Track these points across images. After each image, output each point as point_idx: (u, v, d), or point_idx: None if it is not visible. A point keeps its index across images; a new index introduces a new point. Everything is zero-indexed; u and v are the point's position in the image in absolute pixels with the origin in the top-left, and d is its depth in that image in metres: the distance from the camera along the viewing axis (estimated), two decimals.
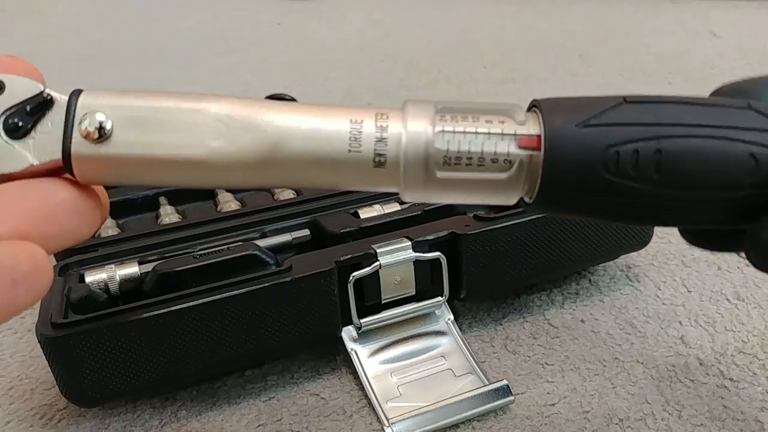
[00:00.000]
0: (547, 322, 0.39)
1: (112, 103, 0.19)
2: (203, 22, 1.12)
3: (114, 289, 0.35)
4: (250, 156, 0.19)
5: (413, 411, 0.32)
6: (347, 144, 0.19)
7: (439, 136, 0.19)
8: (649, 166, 0.19)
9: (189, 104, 0.20)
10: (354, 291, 0.34)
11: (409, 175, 0.20)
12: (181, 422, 0.33)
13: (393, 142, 0.19)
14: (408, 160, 0.19)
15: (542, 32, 0.98)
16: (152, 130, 0.19)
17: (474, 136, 0.19)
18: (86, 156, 0.19)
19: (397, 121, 0.20)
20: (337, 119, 0.20)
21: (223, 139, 0.19)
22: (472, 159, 0.19)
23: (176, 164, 0.19)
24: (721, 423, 0.32)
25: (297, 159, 0.20)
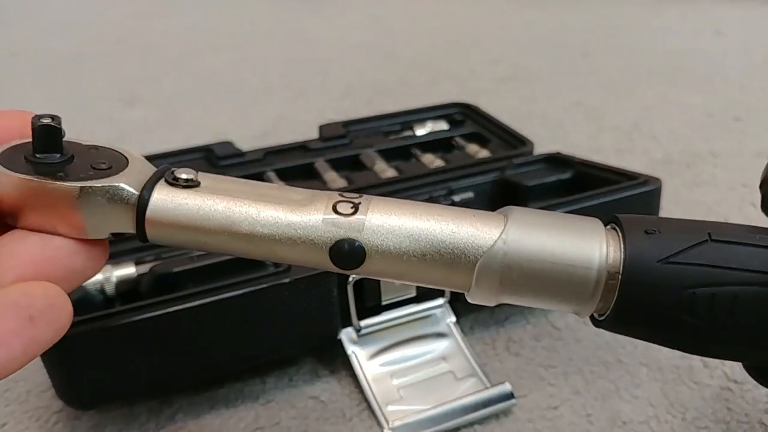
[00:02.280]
0: (550, 324, 0.38)
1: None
2: (199, 19, 1.12)
3: (110, 290, 0.34)
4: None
5: (414, 414, 0.31)
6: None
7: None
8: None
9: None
10: (354, 292, 0.33)
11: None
12: (178, 425, 0.33)
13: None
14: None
15: (545, 30, 0.97)
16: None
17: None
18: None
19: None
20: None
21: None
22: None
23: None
24: (725, 425, 0.31)
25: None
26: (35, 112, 0.20)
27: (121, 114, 0.73)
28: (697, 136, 0.61)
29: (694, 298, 0.19)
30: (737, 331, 0.19)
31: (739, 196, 0.51)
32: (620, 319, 0.20)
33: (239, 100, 0.75)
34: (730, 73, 0.75)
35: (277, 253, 0.20)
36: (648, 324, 0.20)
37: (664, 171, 0.55)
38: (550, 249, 0.19)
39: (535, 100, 0.71)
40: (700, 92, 0.70)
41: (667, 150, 0.59)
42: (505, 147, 0.47)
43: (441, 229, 0.20)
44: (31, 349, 0.18)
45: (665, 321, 0.19)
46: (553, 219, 0.20)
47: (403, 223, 0.20)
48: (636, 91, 0.72)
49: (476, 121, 0.51)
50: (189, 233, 0.20)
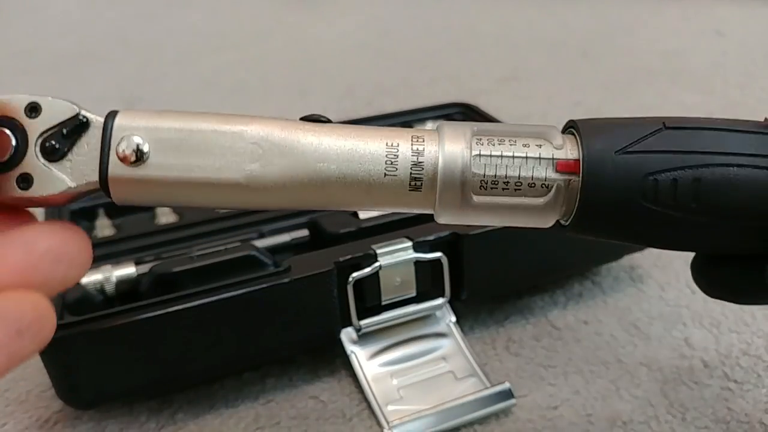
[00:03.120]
0: (549, 324, 0.38)
1: (149, 125, 0.19)
2: (200, 18, 1.12)
3: (110, 290, 0.34)
4: (286, 179, 0.19)
5: (414, 414, 0.31)
6: (383, 167, 0.20)
7: (475, 160, 0.19)
8: (687, 195, 0.19)
9: (225, 127, 0.20)
10: (353, 292, 0.33)
11: (445, 199, 0.20)
12: (178, 425, 0.33)
13: (429, 165, 0.19)
14: (444, 183, 0.19)
15: (545, 30, 0.97)
16: (189, 154, 0.19)
17: (511, 160, 0.19)
18: (123, 178, 0.19)
19: (433, 144, 0.20)
20: (373, 142, 0.20)
21: (259, 163, 0.19)
22: (509, 183, 0.19)
23: (212, 187, 0.19)
24: (725, 425, 0.31)
25: (333, 182, 0.20)
26: None
27: None
28: None
29: (657, 185, 0.19)
30: (701, 216, 0.19)
31: None
32: (585, 219, 0.20)
33: (239, 100, 0.75)
34: (730, 73, 0.75)
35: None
36: (613, 218, 0.19)
37: None
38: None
39: (535, 100, 0.71)
40: (700, 92, 0.70)
41: None
42: None
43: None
44: (14, 362, 0.17)
45: (629, 213, 0.19)
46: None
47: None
48: (636, 91, 0.72)
49: (476, 121, 0.51)
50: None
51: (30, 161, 0.19)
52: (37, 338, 0.18)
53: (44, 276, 0.19)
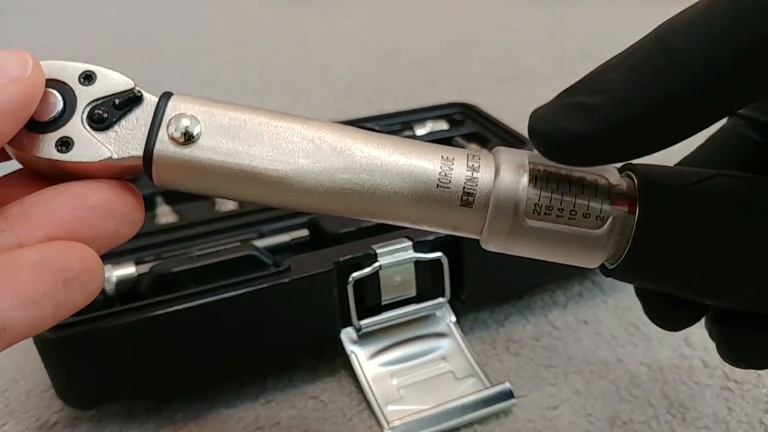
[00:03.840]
0: (549, 324, 0.38)
1: (203, 109, 0.19)
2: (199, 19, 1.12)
3: (110, 290, 0.34)
4: (335, 180, 0.19)
5: (414, 414, 0.31)
6: (437, 179, 0.19)
7: (532, 184, 0.19)
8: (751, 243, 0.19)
9: (281, 121, 0.19)
10: (353, 292, 0.33)
11: (496, 220, 0.19)
12: (178, 425, 0.33)
13: (484, 182, 0.19)
14: (498, 201, 0.19)
15: (545, 29, 0.97)
16: (240, 141, 0.19)
17: (567, 187, 0.19)
18: (168, 157, 0.19)
19: (489, 163, 0.19)
20: (428, 154, 0.19)
21: (312, 159, 0.19)
22: (563, 211, 0.19)
23: (258, 178, 0.19)
24: (725, 425, 0.31)
25: (382, 190, 0.19)
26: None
27: None
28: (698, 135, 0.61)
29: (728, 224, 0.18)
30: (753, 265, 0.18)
31: None
32: (637, 258, 0.19)
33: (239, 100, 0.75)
34: None
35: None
36: (669, 260, 0.19)
37: None
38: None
39: (535, 100, 0.71)
40: None
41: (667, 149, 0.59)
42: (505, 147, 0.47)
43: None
44: (61, 312, 0.17)
45: (691, 254, 0.18)
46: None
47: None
48: None
49: (476, 121, 0.51)
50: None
51: (74, 126, 0.19)
52: (86, 290, 0.18)
53: (94, 231, 0.18)
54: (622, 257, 0.19)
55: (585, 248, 0.19)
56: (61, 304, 0.17)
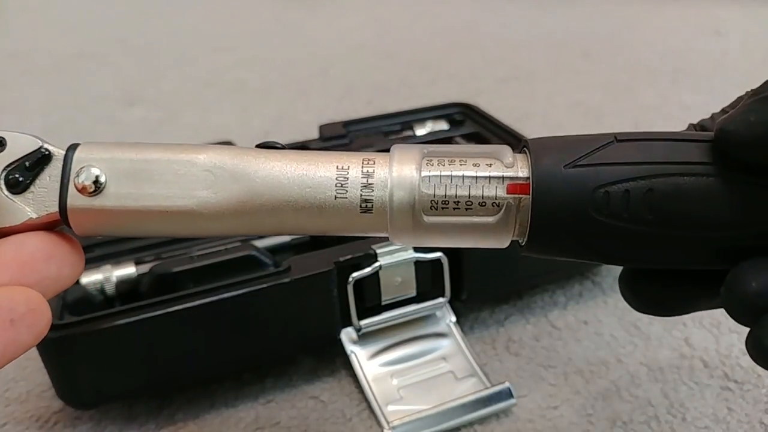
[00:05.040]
0: (549, 324, 0.38)
1: (106, 157, 0.20)
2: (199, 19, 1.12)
3: (110, 290, 0.34)
4: (238, 205, 0.20)
5: (414, 414, 0.31)
6: (333, 191, 0.20)
7: (425, 181, 0.19)
8: (640, 206, 0.19)
9: (178, 155, 0.20)
10: (354, 292, 0.33)
11: (396, 221, 0.20)
12: (178, 425, 0.33)
13: (379, 187, 0.20)
14: (394, 205, 0.20)
15: (545, 30, 0.97)
16: (143, 183, 0.20)
17: (461, 180, 0.19)
18: (82, 209, 0.20)
19: (384, 166, 0.20)
20: (324, 166, 0.20)
21: (212, 190, 0.20)
22: (459, 203, 0.19)
23: (166, 215, 0.20)
24: (725, 425, 0.31)
25: (285, 207, 0.20)
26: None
27: (121, 114, 0.73)
28: None
29: (608, 197, 0.19)
30: (655, 228, 0.19)
31: None
32: (538, 236, 0.19)
33: (239, 100, 0.75)
34: (730, 73, 0.75)
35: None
36: (565, 235, 0.19)
37: None
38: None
39: (535, 100, 0.71)
40: (700, 92, 0.70)
41: None
42: None
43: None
44: (10, 351, 0.18)
45: (581, 228, 0.19)
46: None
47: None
48: (636, 91, 0.72)
49: (476, 121, 0.51)
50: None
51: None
52: (33, 330, 0.19)
53: (37, 274, 0.19)
54: (526, 236, 0.20)
55: (488, 234, 0.20)
56: (9, 343, 0.18)
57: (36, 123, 0.69)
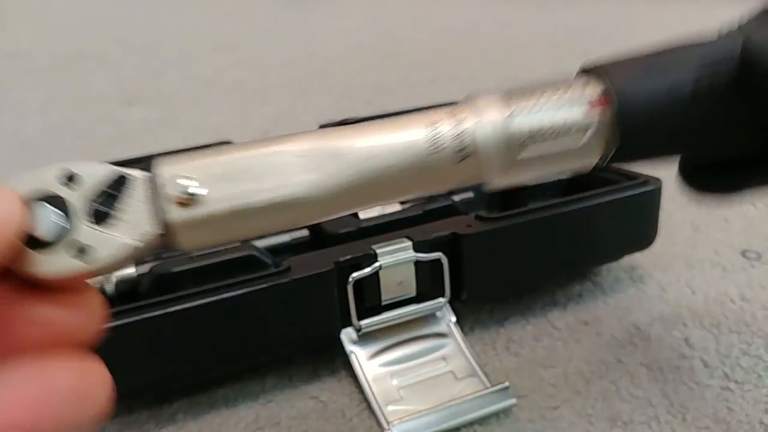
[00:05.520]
0: (549, 324, 0.38)
1: (193, 164, 0.19)
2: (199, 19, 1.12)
3: (110, 290, 0.34)
4: (342, 182, 0.20)
5: (414, 414, 0.31)
6: (427, 147, 0.20)
7: (512, 117, 0.20)
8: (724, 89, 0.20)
9: (264, 149, 0.20)
10: (353, 292, 0.33)
11: (492, 163, 0.20)
12: (178, 425, 0.33)
13: (470, 134, 0.20)
14: (488, 147, 0.20)
15: (545, 29, 0.97)
16: (242, 180, 0.19)
17: (544, 111, 0.20)
18: (185, 222, 0.18)
19: (469, 114, 0.21)
20: (410, 127, 0.20)
21: (313, 173, 0.19)
22: (547, 133, 0.20)
23: (275, 208, 0.19)
24: (725, 425, 0.31)
25: (385, 174, 0.20)
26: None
27: (121, 114, 0.73)
28: None
29: (696, 87, 0.20)
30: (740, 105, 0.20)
31: None
32: (628, 144, 0.20)
33: (239, 100, 0.75)
34: None
35: None
36: (654, 136, 0.21)
37: (664, 171, 0.55)
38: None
39: None
40: None
41: None
42: None
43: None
44: None
45: (670, 123, 0.20)
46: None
47: None
48: None
49: None
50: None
51: (81, 231, 0.18)
52: None
53: (56, 418, 0.17)
54: (612, 151, 0.21)
55: (578, 159, 0.21)
56: None
57: (35, 123, 0.69)
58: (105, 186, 0.18)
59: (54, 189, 0.18)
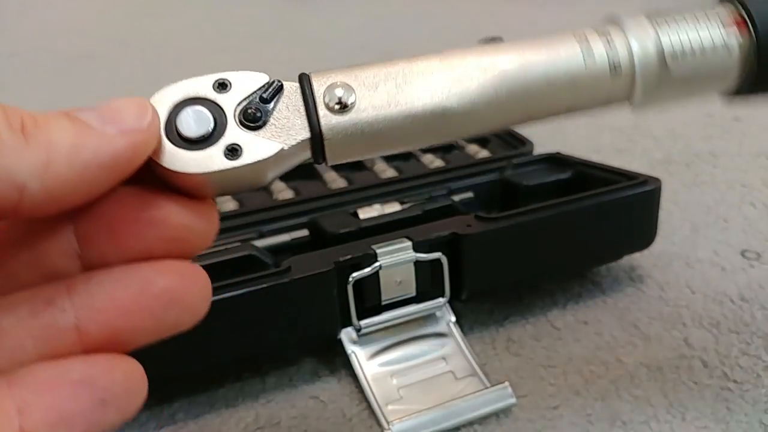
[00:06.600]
0: (549, 324, 0.38)
1: (346, 75, 0.20)
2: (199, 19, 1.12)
3: None
4: (492, 93, 0.20)
5: (414, 414, 0.31)
6: (582, 59, 0.21)
7: (664, 33, 0.21)
8: None
9: (418, 63, 0.20)
10: (353, 292, 0.33)
11: (646, 78, 0.21)
12: (178, 425, 0.33)
13: (623, 48, 0.21)
14: (642, 62, 0.21)
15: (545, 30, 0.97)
16: (393, 91, 0.20)
17: (691, 30, 0.21)
18: (337, 129, 0.19)
19: (618, 30, 0.21)
20: (563, 42, 0.21)
21: (465, 83, 0.20)
22: (695, 51, 0.21)
23: (424, 117, 0.20)
24: (725, 425, 0.31)
25: (538, 86, 0.20)
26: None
27: None
28: (697, 136, 0.61)
29: None
30: None
31: (739, 195, 0.51)
32: (764, 75, 0.21)
33: None
34: None
35: None
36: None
37: (664, 171, 0.55)
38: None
39: None
40: None
41: (666, 150, 0.59)
42: (504, 147, 0.47)
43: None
44: (90, 431, 0.16)
45: None
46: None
47: None
48: None
49: None
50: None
51: (233, 133, 0.18)
52: (123, 411, 0.16)
53: (153, 320, 0.17)
54: (750, 79, 0.21)
55: (719, 80, 0.21)
56: (93, 424, 0.16)
57: None
58: (258, 92, 0.19)
59: (206, 94, 0.19)
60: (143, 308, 0.17)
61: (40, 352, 0.16)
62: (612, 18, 0.22)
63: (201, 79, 0.19)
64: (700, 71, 0.21)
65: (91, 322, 0.17)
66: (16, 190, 0.15)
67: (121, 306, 0.17)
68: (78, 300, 0.17)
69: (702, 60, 0.21)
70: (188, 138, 0.18)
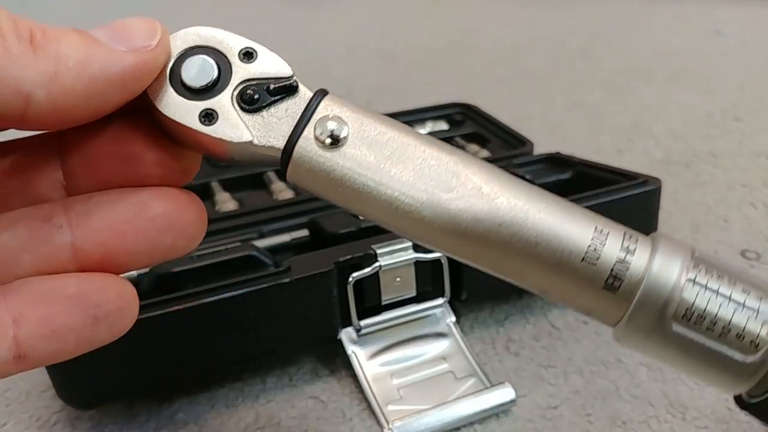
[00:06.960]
0: (549, 324, 0.38)
1: (354, 116, 0.18)
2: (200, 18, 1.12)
3: None
4: (471, 225, 0.17)
5: (414, 414, 0.31)
6: (584, 252, 0.17)
7: (689, 285, 0.17)
8: None
9: (428, 147, 0.18)
10: (354, 292, 0.33)
11: (639, 314, 0.17)
12: (178, 425, 0.33)
13: (636, 268, 0.17)
14: (647, 294, 0.17)
15: (544, 30, 0.97)
16: (384, 157, 0.18)
17: (727, 301, 0.17)
18: (309, 157, 0.18)
19: (646, 249, 0.18)
20: (581, 221, 0.18)
21: (452, 195, 0.17)
22: (715, 324, 0.17)
23: (392, 202, 0.18)
24: (725, 425, 0.31)
25: (521, 248, 0.18)
26: None
27: None
28: (697, 136, 0.61)
29: None
30: None
31: (739, 196, 0.51)
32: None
33: None
34: (730, 73, 0.75)
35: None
36: None
37: (664, 171, 0.55)
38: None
39: (535, 100, 0.71)
40: (700, 92, 0.70)
41: (666, 150, 0.59)
42: (504, 147, 0.47)
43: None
44: (83, 348, 0.17)
45: None
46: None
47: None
48: (636, 91, 0.72)
49: (476, 121, 0.51)
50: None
51: (222, 101, 0.18)
52: (113, 329, 0.17)
53: (149, 243, 0.17)
54: (759, 398, 0.18)
55: (728, 372, 0.18)
56: (85, 340, 0.17)
57: None
58: (271, 81, 0.18)
59: (229, 52, 0.18)
60: (138, 231, 0.17)
61: (36, 268, 0.17)
62: (654, 234, 0.18)
63: (233, 38, 0.19)
64: (705, 354, 0.17)
65: (86, 242, 0.17)
66: (23, 99, 0.15)
67: (117, 227, 0.17)
68: (75, 219, 0.17)
69: (716, 342, 0.17)
70: (182, 81, 0.18)
